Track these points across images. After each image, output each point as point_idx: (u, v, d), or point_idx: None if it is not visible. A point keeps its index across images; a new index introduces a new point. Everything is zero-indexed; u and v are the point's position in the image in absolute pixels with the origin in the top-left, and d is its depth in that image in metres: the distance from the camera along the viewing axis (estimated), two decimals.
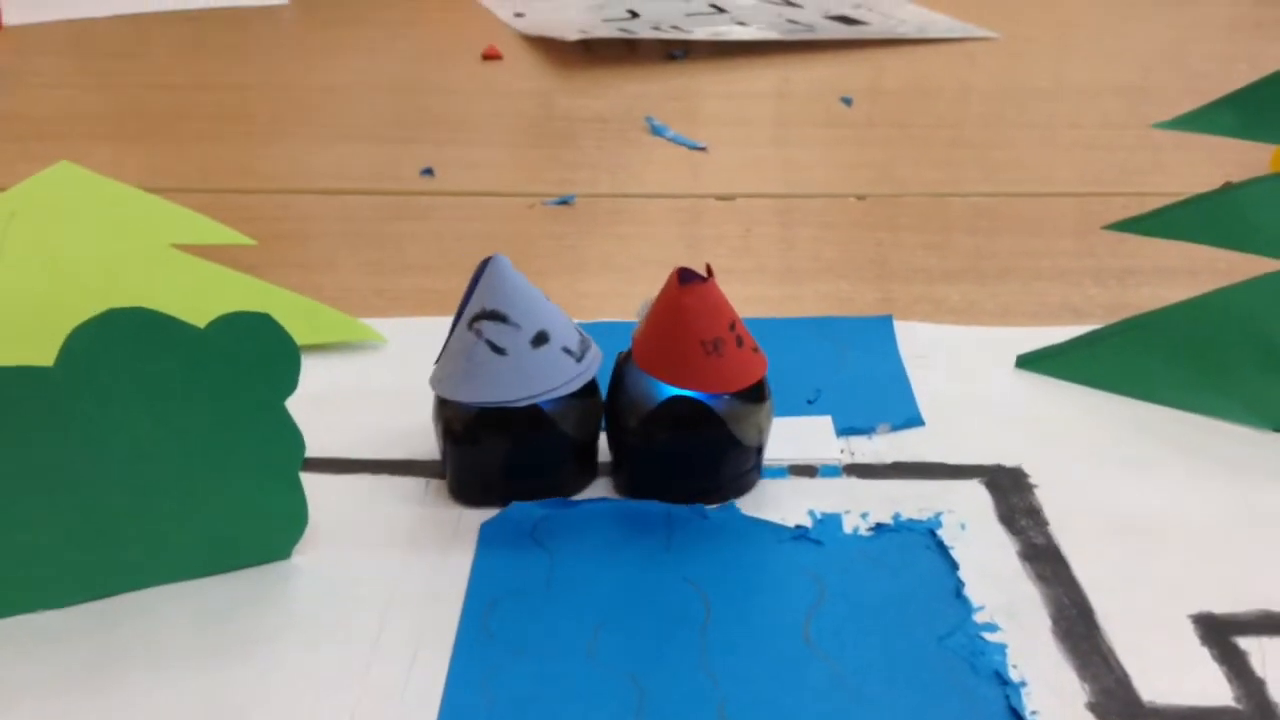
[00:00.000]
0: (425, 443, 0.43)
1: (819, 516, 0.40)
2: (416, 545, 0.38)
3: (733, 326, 0.39)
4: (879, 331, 0.52)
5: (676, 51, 1.04)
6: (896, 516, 0.40)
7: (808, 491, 0.41)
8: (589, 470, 0.42)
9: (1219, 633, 0.34)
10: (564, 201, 0.69)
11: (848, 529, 0.39)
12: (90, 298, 0.35)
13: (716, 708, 0.32)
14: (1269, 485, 0.41)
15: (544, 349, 0.38)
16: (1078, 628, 0.34)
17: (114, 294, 0.35)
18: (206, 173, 0.75)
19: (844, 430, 0.45)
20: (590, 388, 0.40)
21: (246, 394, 0.35)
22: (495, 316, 0.38)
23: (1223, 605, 0.35)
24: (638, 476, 0.41)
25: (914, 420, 0.45)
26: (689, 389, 0.38)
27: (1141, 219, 0.47)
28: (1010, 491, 0.41)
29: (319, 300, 0.53)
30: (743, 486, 0.41)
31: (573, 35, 1.03)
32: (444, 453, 0.41)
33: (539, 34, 1.07)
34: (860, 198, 0.70)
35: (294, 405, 0.36)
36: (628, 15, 1.12)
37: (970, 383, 0.48)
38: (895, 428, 0.45)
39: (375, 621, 0.35)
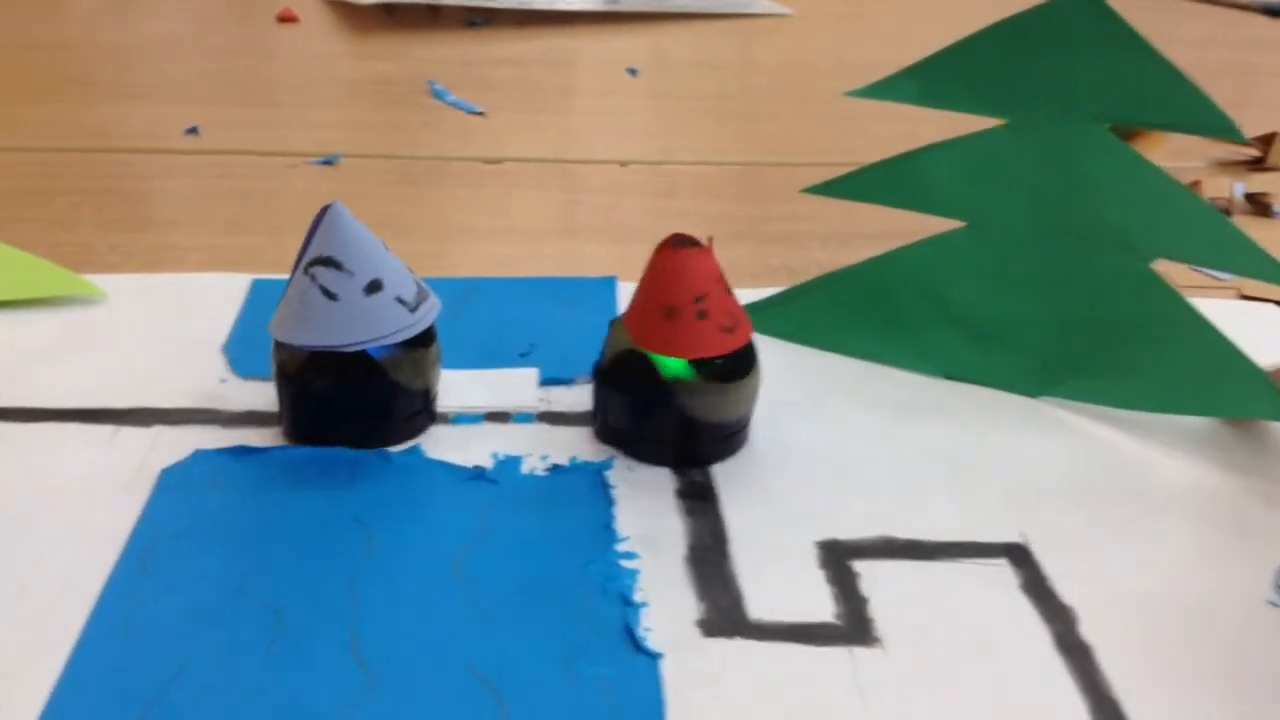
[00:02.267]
0: (121, 392, 0.44)
1: (501, 458, 0.42)
2: (94, 490, 0.39)
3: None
4: (602, 291, 0.54)
5: (477, 19, 1.05)
6: (574, 459, 0.42)
7: (498, 436, 0.43)
8: (426, 416, 0.43)
9: (838, 557, 0.37)
10: (328, 162, 0.70)
11: (525, 470, 0.41)
12: None
13: (350, 631, 0.33)
14: (924, 425, 0.45)
15: (377, 297, 0.39)
16: (710, 556, 0.37)
17: None
18: None
19: (547, 380, 0.47)
20: (426, 338, 0.41)
21: None
22: (330, 263, 0.39)
23: (849, 532, 0.38)
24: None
25: None
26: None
27: (833, 183, 0.50)
28: None
29: (51, 257, 0.53)
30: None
31: None
32: (280, 394, 0.42)
33: None
34: (623, 164, 0.72)
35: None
36: None
37: None
38: None
39: (35, 560, 0.36)
